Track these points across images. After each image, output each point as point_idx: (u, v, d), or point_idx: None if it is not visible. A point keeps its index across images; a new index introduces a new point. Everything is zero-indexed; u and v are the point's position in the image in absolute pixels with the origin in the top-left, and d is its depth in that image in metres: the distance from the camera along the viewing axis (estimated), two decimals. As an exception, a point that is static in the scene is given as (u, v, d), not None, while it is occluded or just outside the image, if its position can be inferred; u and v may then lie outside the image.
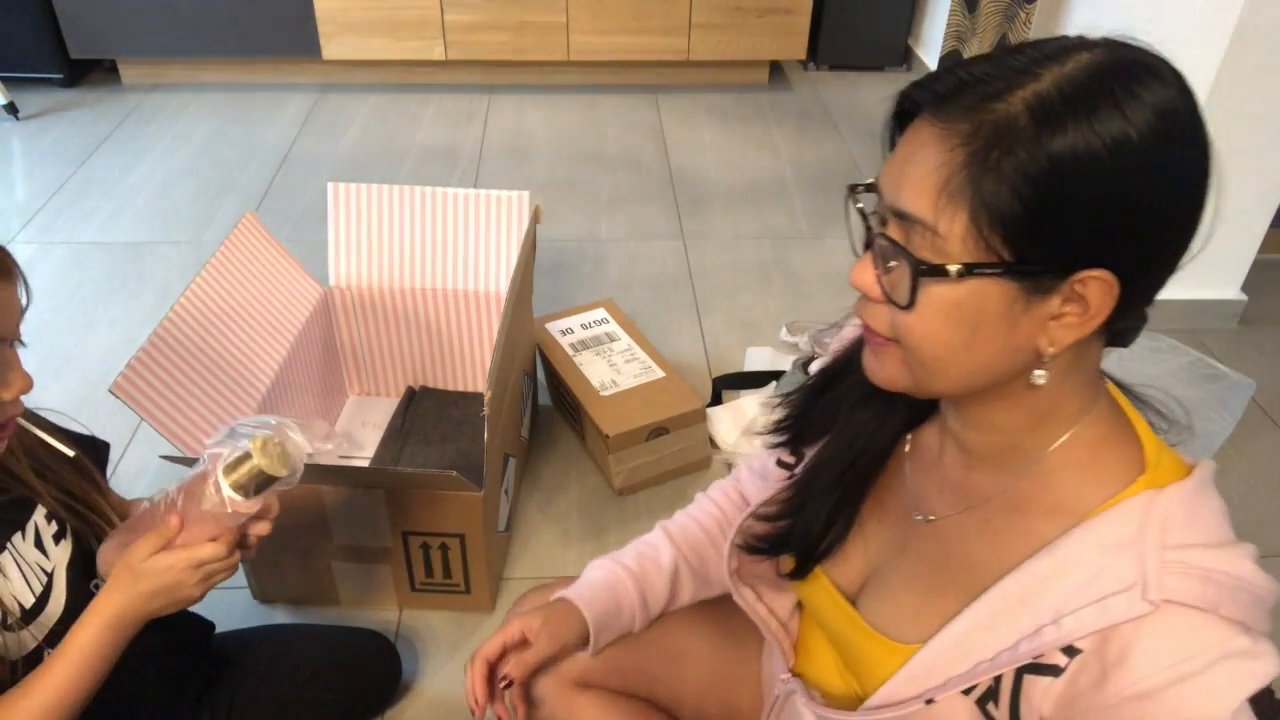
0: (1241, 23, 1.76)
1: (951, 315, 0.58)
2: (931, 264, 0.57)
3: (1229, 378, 1.95)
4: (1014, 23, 2.50)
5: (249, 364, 1.45)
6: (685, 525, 1.01)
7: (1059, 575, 0.62)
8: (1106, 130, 0.53)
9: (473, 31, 3.06)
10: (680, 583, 0.98)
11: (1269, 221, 2.06)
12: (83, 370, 1.96)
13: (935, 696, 0.67)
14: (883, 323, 0.63)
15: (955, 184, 0.55)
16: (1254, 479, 1.80)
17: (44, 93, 3.09)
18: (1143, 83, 0.54)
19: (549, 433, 1.83)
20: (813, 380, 0.84)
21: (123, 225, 2.46)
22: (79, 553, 0.93)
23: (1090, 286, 0.56)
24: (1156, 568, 0.58)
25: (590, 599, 0.93)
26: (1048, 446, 0.65)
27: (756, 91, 3.31)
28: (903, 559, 0.76)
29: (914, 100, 0.60)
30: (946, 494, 0.74)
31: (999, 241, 0.55)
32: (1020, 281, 0.56)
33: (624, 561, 0.97)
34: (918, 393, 0.65)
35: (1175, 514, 0.61)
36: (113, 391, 1.17)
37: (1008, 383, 0.62)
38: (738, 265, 2.37)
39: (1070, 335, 0.58)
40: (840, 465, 0.79)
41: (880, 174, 0.62)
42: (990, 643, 0.65)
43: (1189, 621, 0.57)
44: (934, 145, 0.57)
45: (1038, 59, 0.56)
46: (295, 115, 3.04)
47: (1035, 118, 0.53)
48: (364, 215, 1.68)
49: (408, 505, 1.33)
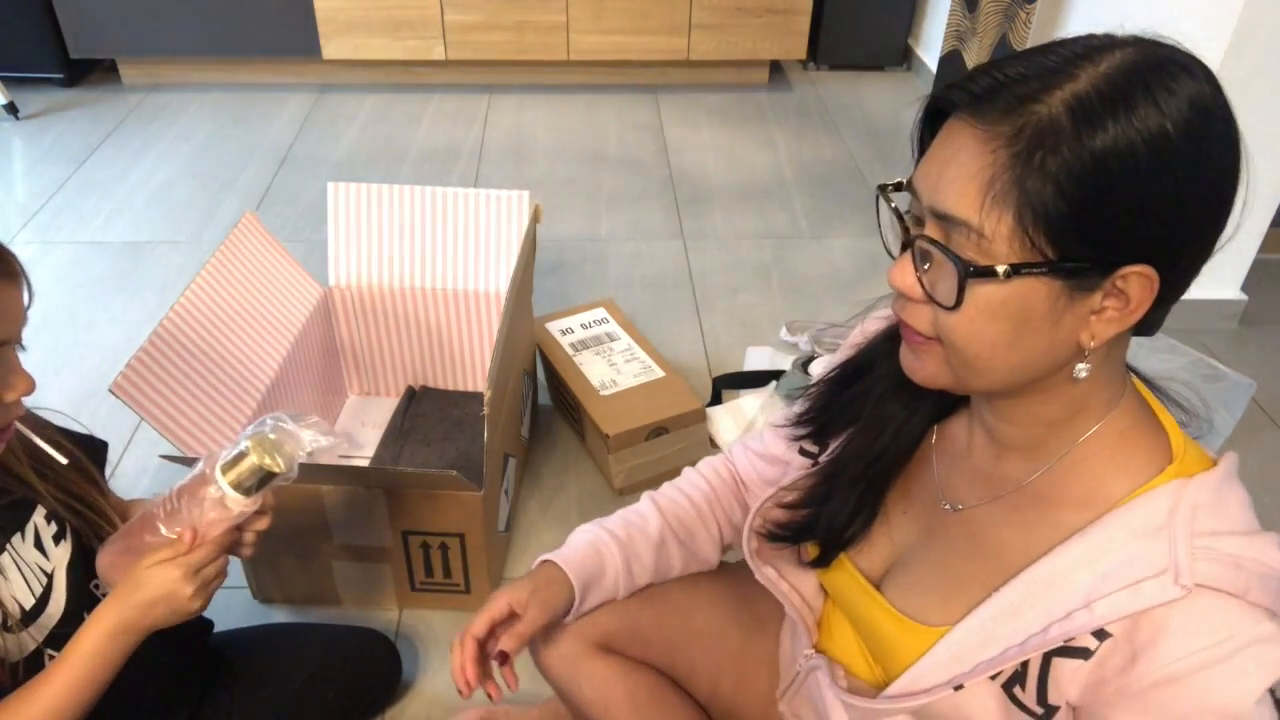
0: (1241, 23, 1.77)
1: (997, 315, 0.59)
2: (980, 265, 0.58)
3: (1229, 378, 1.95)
4: (1014, 22, 2.50)
5: (249, 364, 1.45)
6: (674, 498, 1.01)
7: (1090, 561, 0.63)
8: (1146, 126, 0.54)
9: (473, 31, 3.06)
10: (668, 554, 0.98)
11: (1269, 221, 2.06)
12: (83, 370, 1.96)
13: (964, 682, 0.68)
14: (924, 322, 0.63)
15: (1000, 186, 0.56)
16: (1254, 479, 1.79)
17: (44, 93, 3.09)
18: (1176, 79, 0.55)
19: (549, 433, 1.83)
20: (836, 373, 0.85)
21: (123, 225, 2.46)
22: (79, 553, 0.93)
23: (1131, 281, 0.57)
24: (1188, 553, 0.60)
25: (577, 563, 0.92)
26: (1079, 437, 0.67)
27: (756, 91, 3.31)
28: (929, 547, 0.77)
29: (950, 101, 0.60)
30: (976, 484, 0.75)
31: (1044, 241, 0.56)
32: (1065, 280, 0.57)
33: (610, 528, 0.96)
34: (959, 389, 0.66)
35: (1204, 502, 0.62)
36: (113, 391, 1.17)
37: (1049, 376, 0.63)
38: (738, 265, 2.37)
39: (1112, 329, 0.60)
40: (868, 458, 0.80)
41: (916, 175, 0.62)
42: (1020, 627, 0.66)
43: (1221, 605, 0.59)
44: (975, 147, 0.57)
45: (1071, 58, 0.56)
46: (295, 115, 3.04)
47: (1076, 117, 0.54)
48: (364, 215, 1.68)
49: (408, 505, 1.33)
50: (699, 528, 1.00)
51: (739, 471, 1.02)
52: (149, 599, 0.86)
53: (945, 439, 0.80)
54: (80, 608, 0.91)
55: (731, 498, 1.02)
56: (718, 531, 1.01)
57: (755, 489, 0.99)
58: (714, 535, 1.01)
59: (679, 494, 1.01)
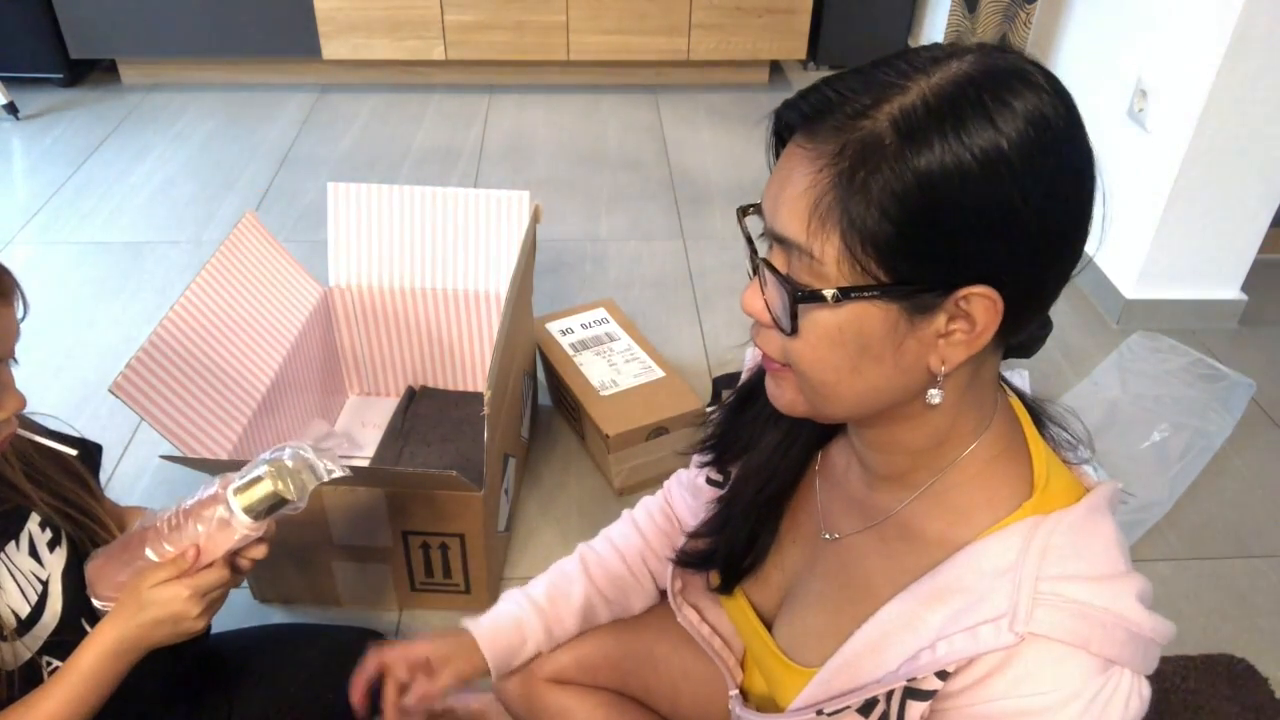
0: (1241, 24, 1.76)
1: (835, 340, 0.57)
2: (808, 289, 0.56)
3: (1229, 378, 1.95)
4: (1014, 23, 2.50)
5: (249, 364, 1.45)
6: (604, 557, 1.01)
7: (941, 599, 0.62)
8: (976, 142, 0.51)
9: (473, 31, 3.06)
10: (594, 615, 0.99)
11: (1269, 221, 2.06)
12: (83, 370, 1.96)
13: (825, 709, 0.67)
14: (775, 348, 0.61)
15: (824, 206, 0.54)
16: (1254, 479, 1.80)
17: (44, 93, 3.09)
18: (1014, 91, 0.52)
19: (549, 433, 1.83)
20: (731, 399, 0.84)
21: (123, 225, 2.46)
22: (74, 559, 0.92)
23: (974, 303, 0.54)
24: (1029, 599, 0.57)
25: (493, 639, 0.94)
26: (944, 466, 0.64)
27: (756, 91, 3.31)
28: (811, 578, 0.76)
29: (788, 120, 0.58)
30: (851, 512, 0.73)
31: (873, 263, 0.53)
32: (900, 302, 0.55)
33: (534, 596, 0.97)
34: (817, 416, 0.64)
35: (1057, 543, 0.59)
36: (113, 391, 1.17)
37: (905, 403, 0.61)
38: (738, 265, 2.37)
39: (961, 353, 0.57)
40: (757, 484, 0.78)
41: (763, 196, 0.60)
42: (879, 664, 0.64)
43: (1054, 656, 0.57)
44: (803, 167, 0.55)
45: (906, 71, 0.54)
46: (295, 115, 3.04)
47: (900, 134, 0.51)
48: (364, 215, 1.68)
49: (408, 505, 1.33)
50: (630, 584, 1.00)
51: (674, 508, 1.02)
52: (155, 619, 0.85)
53: (827, 466, 0.78)
54: (77, 615, 0.91)
55: (665, 543, 1.01)
56: (651, 584, 1.01)
57: (688, 522, 0.98)
58: (646, 589, 1.01)
59: (611, 551, 1.01)
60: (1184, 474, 1.75)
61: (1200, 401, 1.89)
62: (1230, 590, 1.57)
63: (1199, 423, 1.84)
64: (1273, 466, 1.83)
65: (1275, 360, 2.10)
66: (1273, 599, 1.56)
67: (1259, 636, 1.49)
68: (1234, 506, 1.74)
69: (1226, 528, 1.69)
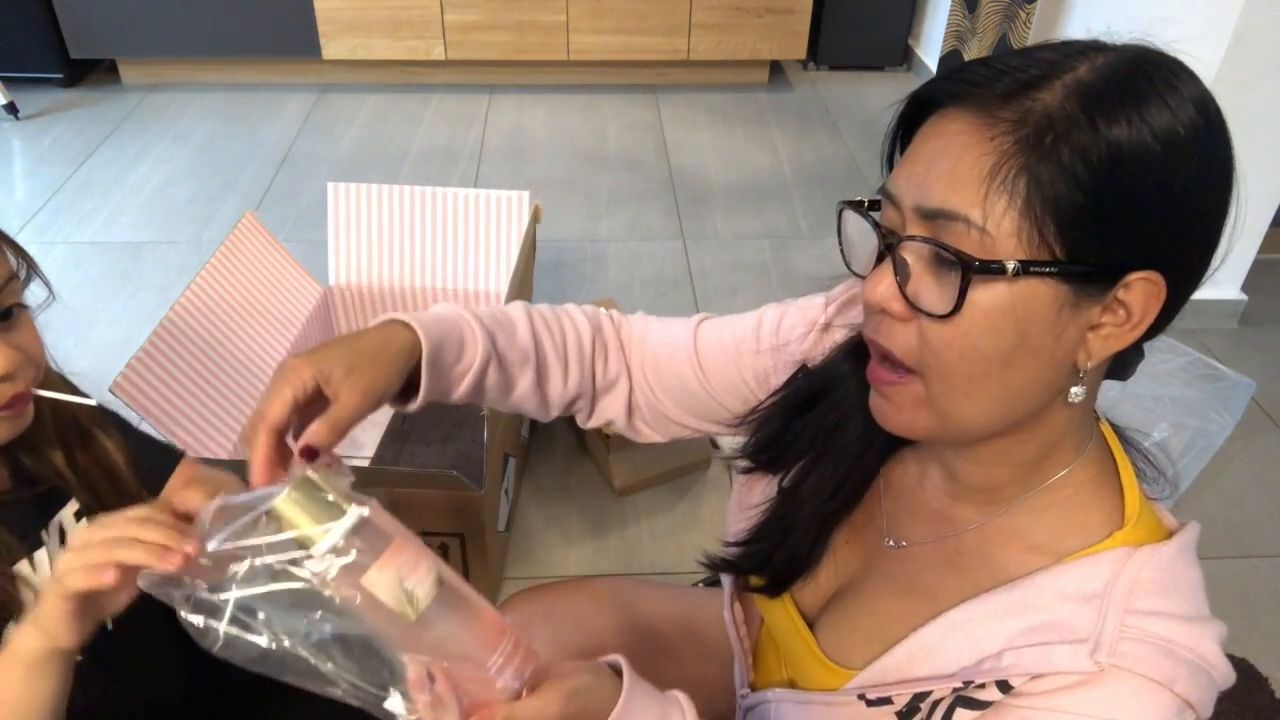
0: (1241, 24, 1.76)
1: (998, 322, 0.53)
2: (985, 261, 0.51)
3: (1229, 378, 1.95)
4: (1014, 23, 2.50)
5: (249, 363, 1.45)
6: (549, 322, 0.82)
7: (1013, 614, 0.60)
8: (1156, 122, 0.51)
9: (473, 31, 3.06)
10: (524, 372, 0.79)
11: (1269, 221, 2.06)
12: (82, 370, 1.96)
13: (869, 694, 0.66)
14: (906, 344, 0.57)
15: (1005, 172, 0.51)
16: (1254, 479, 1.80)
17: (44, 93, 3.09)
18: (1179, 76, 0.53)
19: (549, 433, 1.83)
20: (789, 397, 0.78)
21: (122, 225, 2.46)
22: None
23: (1135, 290, 0.53)
24: (1115, 630, 0.56)
25: (427, 323, 0.71)
26: (1040, 484, 0.62)
27: (756, 91, 3.31)
28: (865, 582, 0.74)
29: (942, 93, 0.55)
30: (921, 521, 0.71)
31: (1054, 236, 0.51)
32: (1071, 284, 0.52)
33: (475, 310, 0.78)
34: (941, 434, 0.59)
35: (1148, 578, 0.58)
36: (113, 391, 1.17)
37: (1036, 410, 0.58)
38: (738, 265, 2.37)
39: (1110, 347, 0.55)
40: (825, 493, 0.75)
41: (895, 178, 0.57)
42: (935, 665, 0.63)
43: (1136, 689, 0.55)
44: (971, 134, 0.52)
45: (1067, 54, 0.53)
46: (295, 115, 3.04)
47: (1084, 105, 0.51)
48: (364, 215, 1.68)
49: (408, 505, 1.33)
50: (555, 365, 0.81)
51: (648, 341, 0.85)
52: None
53: (896, 471, 0.75)
54: None
55: (605, 353, 0.84)
56: (574, 381, 0.83)
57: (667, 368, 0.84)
58: (569, 382, 0.82)
59: (556, 322, 0.82)
60: (1184, 474, 1.75)
61: (1200, 401, 1.89)
62: (1230, 590, 1.57)
63: (1199, 423, 1.83)
64: (1273, 466, 1.83)
65: (1275, 360, 2.10)
66: (1273, 599, 1.56)
67: (1259, 636, 1.49)
68: (1234, 506, 1.74)
69: (1226, 528, 1.69)
